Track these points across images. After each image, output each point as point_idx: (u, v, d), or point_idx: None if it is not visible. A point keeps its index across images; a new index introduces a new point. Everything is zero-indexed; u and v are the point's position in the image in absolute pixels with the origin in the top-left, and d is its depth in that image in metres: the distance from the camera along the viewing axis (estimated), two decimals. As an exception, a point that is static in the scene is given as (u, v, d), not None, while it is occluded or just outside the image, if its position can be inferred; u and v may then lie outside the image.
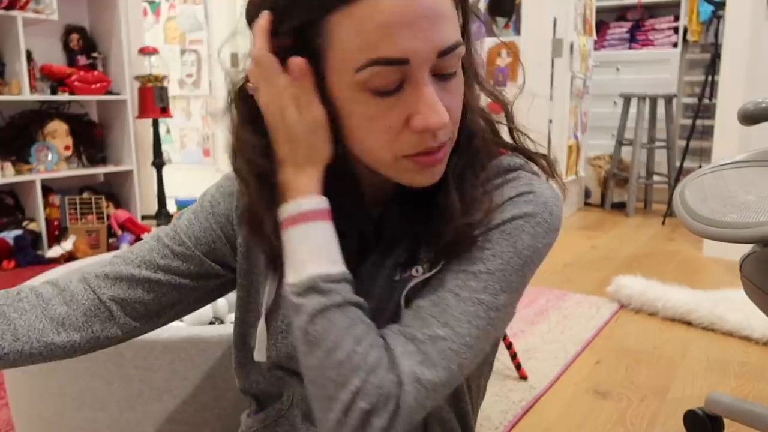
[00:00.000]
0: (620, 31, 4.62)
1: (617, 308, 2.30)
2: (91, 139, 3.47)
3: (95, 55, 3.46)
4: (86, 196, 3.28)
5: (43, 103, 3.27)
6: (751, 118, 1.17)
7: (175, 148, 5.86)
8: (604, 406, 1.58)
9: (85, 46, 3.45)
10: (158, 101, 3.51)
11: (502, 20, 3.61)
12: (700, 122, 3.81)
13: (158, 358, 1.01)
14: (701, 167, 1.22)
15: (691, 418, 1.43)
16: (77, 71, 3.29)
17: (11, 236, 2.95)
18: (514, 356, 1.71)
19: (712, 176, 1.15)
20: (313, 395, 0.54)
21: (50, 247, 3.08)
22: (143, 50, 3.65)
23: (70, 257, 2.94)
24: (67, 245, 2.99)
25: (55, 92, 3.21)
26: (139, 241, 0.75)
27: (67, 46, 3.40)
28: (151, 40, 4.62)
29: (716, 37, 3.82)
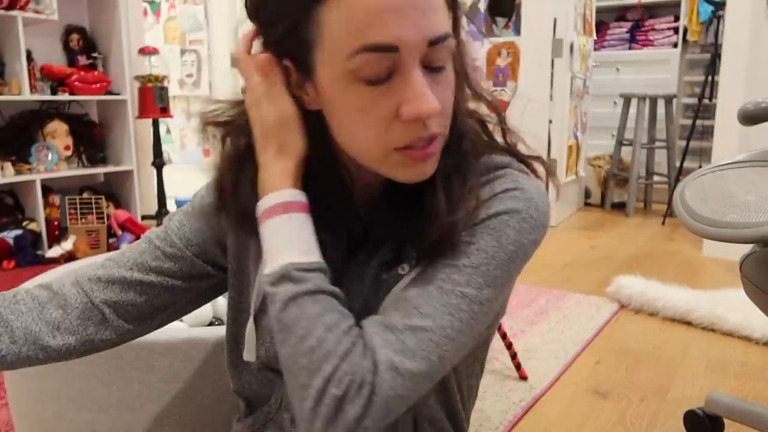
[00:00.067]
0: (620, 31, 4.62)
1: (617, 308, 2.30)
2: (91, 139, 3.47)
3: (95, 55, 3.46)
4: (86, 196, 3.28)
5: (43, 103, 3.27)
6: (751, 118, 1.17)
7: (175, 148, 5.85)
8: (604, 406, 1.58)
9: (85, 46, 3.45)
10: (158, 101, 3.50)
11: (502, 20, 3.61)
12: (700, 122, 3.80)
13: (157, 359, 1.01)
14: (701, 167, 1.22)
15: (691, 418, 1.43)
16: (77, 71, 3.29)
17: (11, 236, 2.95)
18: (514, 356, 1.71)
19: (712, 176, 1.15)
20: (289, 386, 0.54)
21: (50, 247, 3.07)
22: (143, 50, 3.65)
23: (70, 257, 2.93)
24: (67, 245, 2.99)
25: (55, 92, 3.21)
26: (138, 241, 0.75)
27: (67, 46, 3.40)
28: (151, 40, 4.61)
29: (716, 37, 3.82)
